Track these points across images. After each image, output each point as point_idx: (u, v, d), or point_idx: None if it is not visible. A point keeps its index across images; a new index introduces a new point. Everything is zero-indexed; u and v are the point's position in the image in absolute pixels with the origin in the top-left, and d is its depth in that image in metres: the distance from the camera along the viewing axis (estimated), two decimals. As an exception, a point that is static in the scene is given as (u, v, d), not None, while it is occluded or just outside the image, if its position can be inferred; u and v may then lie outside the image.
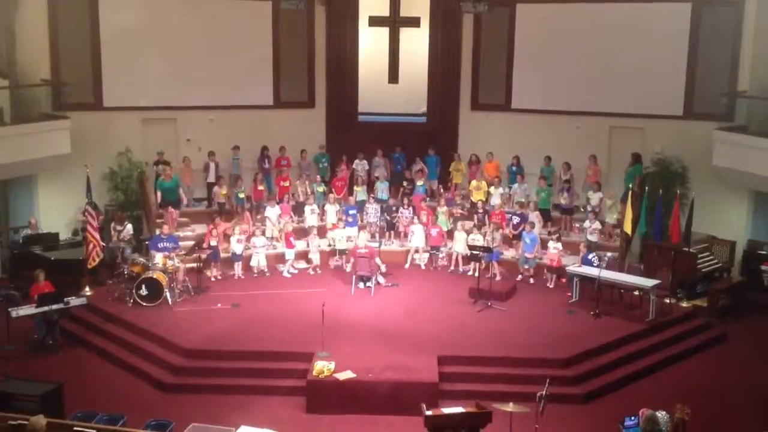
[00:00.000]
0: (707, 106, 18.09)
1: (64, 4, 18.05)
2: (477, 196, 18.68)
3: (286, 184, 18.87)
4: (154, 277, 15.23)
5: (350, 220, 18.03)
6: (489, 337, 13.97)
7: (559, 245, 16.71)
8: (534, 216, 17.58)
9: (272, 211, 17.94)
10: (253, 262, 17.12)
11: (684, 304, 15.86)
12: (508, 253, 17.67)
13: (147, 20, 18.84)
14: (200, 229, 17.88)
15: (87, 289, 15.85)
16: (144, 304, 15.11)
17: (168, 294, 15.26)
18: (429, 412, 10.23)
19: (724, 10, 17.85)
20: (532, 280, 16.88)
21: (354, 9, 20.73)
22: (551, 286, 16.64)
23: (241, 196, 18.52)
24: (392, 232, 18.63)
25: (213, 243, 16.79)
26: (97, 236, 15.88)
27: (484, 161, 19.55)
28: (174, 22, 19.09)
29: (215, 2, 19.32)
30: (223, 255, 17.07)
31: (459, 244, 17.48)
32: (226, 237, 17.19)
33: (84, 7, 18.23)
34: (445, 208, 18.20)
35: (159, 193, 17.94)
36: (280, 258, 17.49)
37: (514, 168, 19.13)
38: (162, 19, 18.99)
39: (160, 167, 18.32)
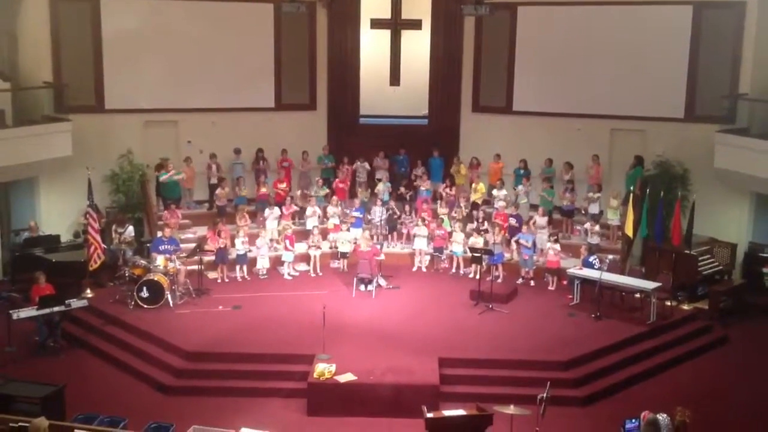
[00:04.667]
0: (708, 108, 18.10)
1: (66, 7, 18.08)
2: (474, 197, 18.67)
3: (283, 185, 18.83)
4: (155, 279, 15.24)
5: (354, 221, 18.05)
6: (490, 340, 13.97)
7: (557, 246, 16.70)
8: (543, 220, 17.54)
9: (273, 214, 17.93)
10: (259, 265, 17.13)
11: (685, 307, 15.85)
12: (508, 256, 17.67)
13: (148, 23, 18.84)
14: (201, 231, 17.88)
15: (88, 291, 15.84)
16: (145, 306, 15.11)
17: (169, 296, 15.26)
18: (430, 415, 10.25)
19: (725, 12, 17.85)
20: (532, 283, 16.88)
21: (355, 11, 20.74)
22: (552, 289, 16.64)
23: (243, 194, 18.52)
24: (395, 233, 18.63)
25: (221, 245, 16.78)
26: (98, 238, 15.89)
27: (489, 162, 19.52)
28: (175, 24, 19.10)
29: (216, 5, 19.33)
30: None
31: (457, 246, 17.49)
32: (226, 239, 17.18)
33: (85, 10, 18.26)
34: (446, 210, 18.20)
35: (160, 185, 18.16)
36: (282, 260, 17.48)
37: (521, 171, 19.13)
38: (163, 22, 18.99)
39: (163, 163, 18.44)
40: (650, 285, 15.12)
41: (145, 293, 15.16)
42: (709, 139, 17.45)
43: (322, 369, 12.39)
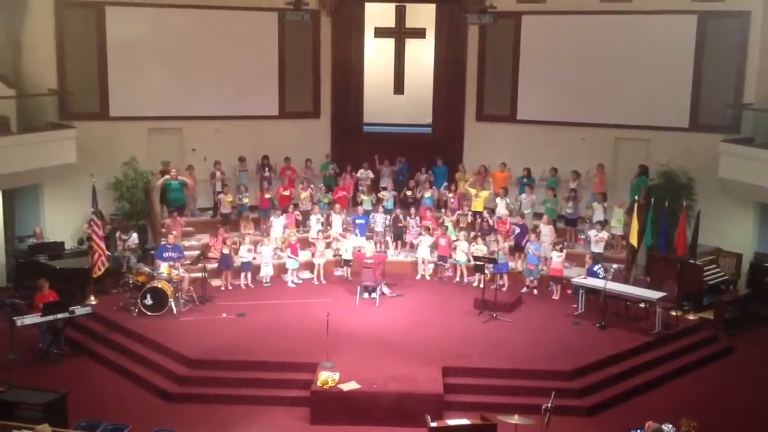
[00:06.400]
0: (713, 117, 18.10)
1: (71, 14, 18.14)
2: (476, 206, 18.63)
3: (287, 193, 18.84)
4: (159, 286, 15.23)
5: (357, 226, 18.04)
6: (494, 349, 13.92)
7: (563, 254, 16.65)
8: (548, 229, 17.51)
9: (277, 222, 17.94)
10: (262, 273, 17.11)
11: (690, 317, 15.79)
12: (512, 265, 17.62)
13: (153, 30, 18.91)
14: (205, 239, 17.85)
15: (92, 298, 15.83)
16: (149, 313, 15.09)
17: (173, 303, 15.25)
18: (433, 424, 10.24)
19: (730, 21, 17.86)
20: (536, 291, 16.84)
21: (360, 20, 20.81)
22: (556, 298, 16.60)
23: (246, 201, 18.53)
24: (399, 242, 18.60)
25: (225, 251, 16.76)
26: (103, 245, 15.90)
27: (495, 170, 19.52)
28: (180, 32, 19.16)
29: (221, 13, 19.38)
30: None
31: (461, 254, 17.46)
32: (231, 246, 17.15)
33: (90, 17, 18.32)
34: (453, 217, 18.18)
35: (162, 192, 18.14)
36: (285, 268, 17.45)
37: (525, 179, 19.12)
38: (168, 30, 19.05)
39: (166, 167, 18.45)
40: (655, 294, 15.07)
41: (148, 300, 15.14)
42: (714, 148, 17.41)
43: (326, 377, 12.35)
